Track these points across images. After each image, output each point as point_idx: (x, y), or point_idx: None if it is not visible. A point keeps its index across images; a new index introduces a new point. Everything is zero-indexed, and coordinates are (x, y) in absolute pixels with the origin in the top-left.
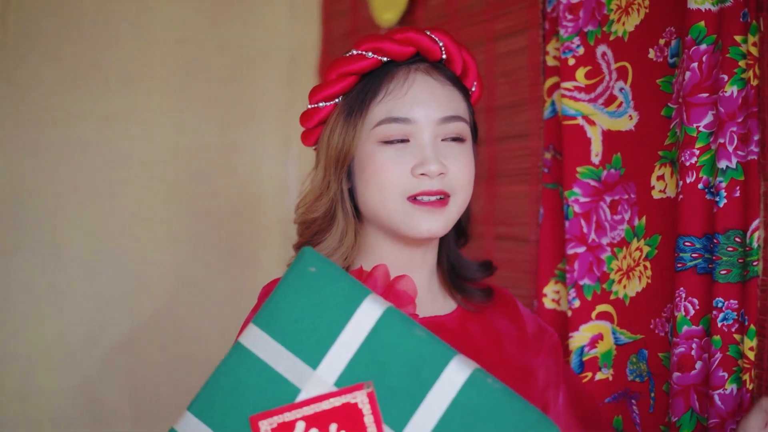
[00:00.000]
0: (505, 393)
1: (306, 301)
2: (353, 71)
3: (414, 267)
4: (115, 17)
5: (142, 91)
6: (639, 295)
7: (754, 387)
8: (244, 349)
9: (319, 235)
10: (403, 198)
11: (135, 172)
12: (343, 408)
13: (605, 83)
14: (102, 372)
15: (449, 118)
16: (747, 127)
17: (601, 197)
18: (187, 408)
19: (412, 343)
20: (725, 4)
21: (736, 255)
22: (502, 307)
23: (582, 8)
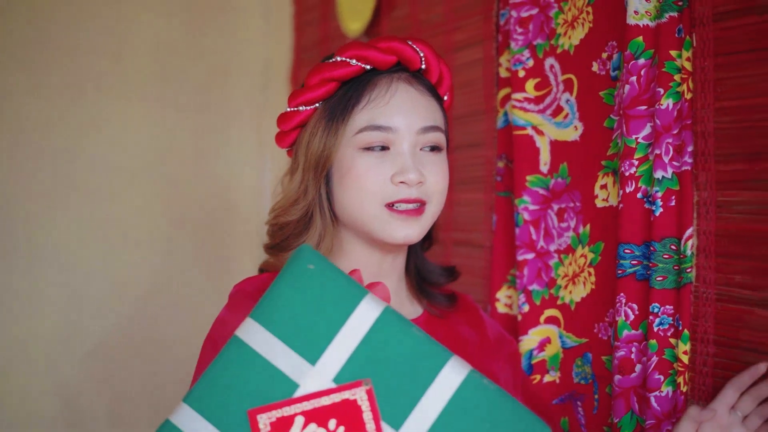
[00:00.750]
0: (500, 394)
1: (305, 298)
2: (336, 77)
3: (384, 272)
4: (90, 26)
5: (117, 98)
6: (584, 300)
7: (688, 389)
8: (242, 344)
9: (294, 238)
10: (381, 205)
11: (110, 178)
12: (342, 404)
13: (553, 95)
14: (78, 374)
15: (429, 128)
16: (682, 138)
17: (549, 205)
18: (183, 399)
19: (410, 343)
20: (662, 20)
21: (672, 262)
22: (465, 312)
23: (531, 22)
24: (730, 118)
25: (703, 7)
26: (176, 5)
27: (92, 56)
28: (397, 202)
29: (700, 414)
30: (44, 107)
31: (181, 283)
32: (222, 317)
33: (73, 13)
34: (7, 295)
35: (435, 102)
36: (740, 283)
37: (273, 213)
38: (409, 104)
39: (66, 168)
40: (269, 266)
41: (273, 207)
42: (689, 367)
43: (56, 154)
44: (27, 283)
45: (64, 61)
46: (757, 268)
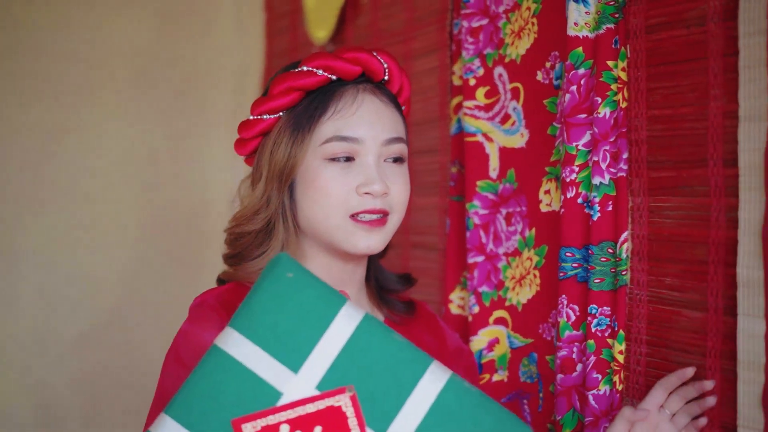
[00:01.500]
0: (482, 396)
1: (285, 306)
2: (302, 87)
3: (346, 281)
4: (67, 33)
5: (93, 103)
6: (530, 301)
7: (623, 388)
8: (223, 353)
9: (255, 248)
10: (345, 215)
11: (86, 182)
12: (327, 411)
13: (501, 103)
14: (53, 374)
15: (393, 140)
16: (618, 145)
17: (498, 210)
18: (164, 411)
19: (392, 349)
20: (599, 31)
21: (609, 265)
22: (424, 320)
23: (482, 32)
24: (661, 126)
25: (637, 20)
26: (151, 13)
27: (68, 62)
28: (362, 212)
29: (633, 414)
30: (20, 113)
31: (155, 286)
32: (185, 330)
33: (49, 21)
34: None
35: (398, 113)
36: (670, 285)
37: (233, 222)
38: (374, 115)
39: (42, 171)
40: (228, 276)
41: (234, 216)
42: (624, 366)
43: (32, 158)
44: (4, 283)
45: (40, 67)
46: (685, 271)
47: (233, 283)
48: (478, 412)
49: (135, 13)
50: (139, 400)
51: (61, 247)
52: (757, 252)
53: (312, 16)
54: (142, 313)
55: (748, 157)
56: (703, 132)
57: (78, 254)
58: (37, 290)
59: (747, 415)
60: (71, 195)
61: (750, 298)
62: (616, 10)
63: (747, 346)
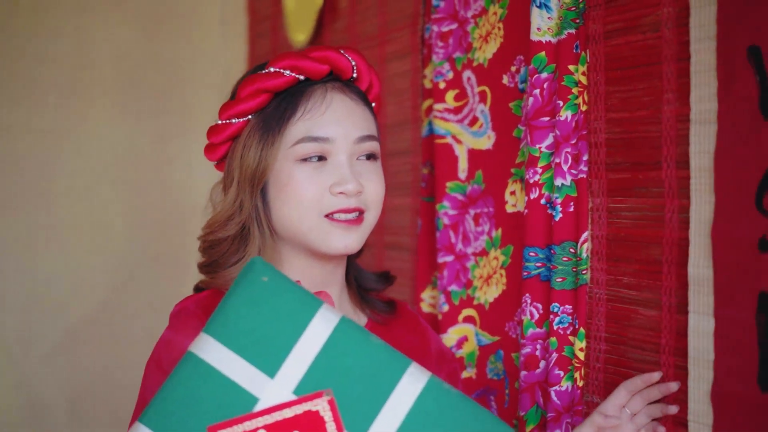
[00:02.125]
0: (462, 398)
1: (260, 311)
2: (269, 88)
3: (326, 283)
4: (51, 35)
5: (78, 105)
6: (496, 300)
7: (584, 384)
8: (198, 359)
9: (231, 254)
10: (320, 216)
11: (71, 182)
12: (304, 416)
13: (469, 105)
14: (39, 372)
15: (365, 137)
16: (578, 148)
17: (466, 210)
18: (139, 420)
19: (369, 352)
20: (561, 36)
21: (570, 264)
22: (407, 320)
23: (451, 36)
24: (618, 129)
25: (596, 25)
26: (136, 16)
27: (53, 65)
28: (336, 212)
29: (605, 421)
30: (6, 114)
31: (139, 285)
32: (166, 338)
33: (35, 24)
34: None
35: (368, 110)
36: (627, 284)
37: (206, 229)
38: (345, 114)
39: (27, 173)
40: (206, 285)
41: (206, 223)
42: (585, 363)
43: (18, 159)
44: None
45: (26, 70)
46: (641, 270)
47: (212, 290)
48: (459, 414)
49: (120, 16)
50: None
51: (46, 247)
52: (707, 252)
53: (291, 19)
54: (127, 312)
55: (698, 159)
56: (657, 135)
57: (62, 254)
58: (21, 290)
59: (697, 410)
60: (55, 195)
61: (700, 296)
62: (577, 15)
63: (697, 343)
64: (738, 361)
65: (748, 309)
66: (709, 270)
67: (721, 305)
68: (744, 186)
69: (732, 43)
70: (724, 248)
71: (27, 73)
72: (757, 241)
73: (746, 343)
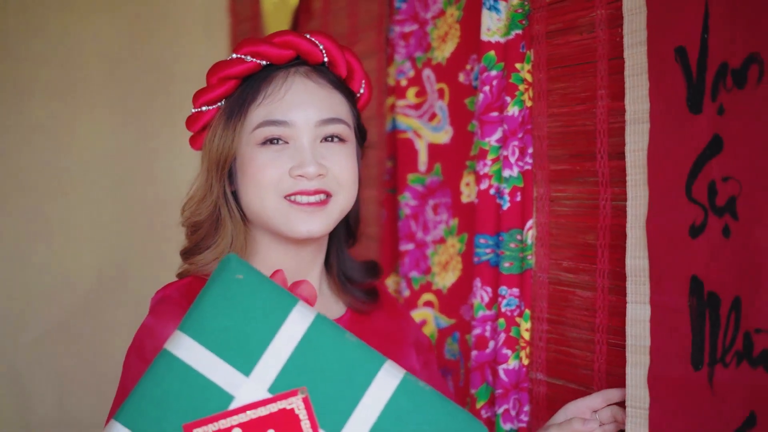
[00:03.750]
0: (435, 395)
1: (235, 309)
2: (233, 75)
3: (303, 269)
4: (40, 36)
5: (65, 103)
6: (453, 285)
7: (529, 363)
8: (173, 357)
9: (208, 239)
10: (279, 197)
11: (58, 178)
12: (279, 414)
13: (429, 102)
14: (28, 360)
15: (328, 120)
16: (524, 141)
17: (426, 201)
18: (114, 418)
19: (344, 349)
20: (509, 36)
21: (517, 250)
22: (387, 306)
23: (412, 36)
24: (559, 123)
25: (539, 26)
26: (123, 18)
27: (41, 64)
28: (296, 194)
29: (584, 425)
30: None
31: (126, 275)
32: (147, 325)
33: (24, 25)
34: None
35: (339, 94)
36: (566, 268)
37: (184, 213)
38: (305, 97)
39: (16, 168)
40: (185, 272)
41: (183, 206)
42: (530, 342)
43: (6, 155)
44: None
45: (13, 68)
46: (579, 254)
47: (191, 277)
48: (433, 411)
49: (107, 17)
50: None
51: (34, 240)
52: (642, 243)
53: (269, 20)
54: (114, 302)
55: (633, 156)
56: (592, 128)
57: (52, 246)
58: (12, 280)
59: (634, 395)
60: (45, 189)
61: (637, 286)
62: (523, 17)
63: (634, 330)
64: (672, 345)
65: (680, 294)
66: (645, 260)
67: (656, 293)
68: (674, 177)
69: (661, 46)
70: (657, 238)
71: (16, 72)
72: (687, 227)
73: (679, 326)
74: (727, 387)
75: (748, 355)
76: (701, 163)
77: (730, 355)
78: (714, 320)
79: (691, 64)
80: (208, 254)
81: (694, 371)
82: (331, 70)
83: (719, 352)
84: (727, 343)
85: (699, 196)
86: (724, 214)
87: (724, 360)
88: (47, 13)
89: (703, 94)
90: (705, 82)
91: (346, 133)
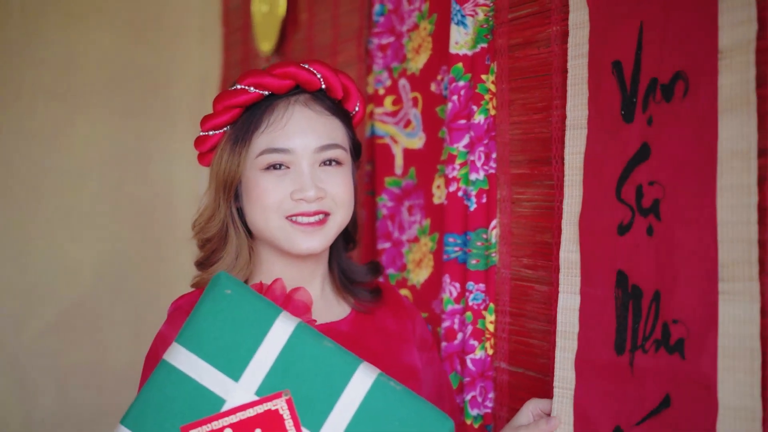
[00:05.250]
0: (406, 394)
1: (225, 321)
2: (237, 104)
3: (305, 278)
4: (40, 42)
5: (65, 107)
6: (426, 281)
7: (493, 353)
8: (171, 366)
9: (217, 252)
10: (282, 217)
11: (59, 179)
12: (265, 414)
13: (404, 110)
14: (29, 353)
15: (326, 147)
16: (489, 147)
17: (402, 202)
18: (120, 422)
19: (322, 354)
20: (475, 50)
21: (483, 248)
22: (392, 304)
23: (389, 48)
24: (519, 130)
25: (502, 40)
26: (121, 25)
27: (42, 70)
28: (297, 215)
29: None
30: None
31: (124, 272)
32: (163, 333)
33: (25, 32)
34: None
35: (335, 119)
36: (526, 264)
37: (195, 228)
38: (305, 125)
39: (16, 169)
40: (198, 281)
41: (193, 223)
42: (494, 334)
43: (9, 157)
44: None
45: (16, 74)
46: (537, 252)
47: (202, 288)
48: (404, 409)
49: (106, 25)
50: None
51: (36, 239)
52: (575, 239)
53: (258, 30)
54: (111, 298)
55: (571, 159)
56: (548, 136)
57: (52, 245)
58: (14, 278)
59: (562, 377)
60: (45, 190)
61: (569, 277)
62: (488, 32)
63: (564, 318)
64: (598, 332)
65: (607, 286)
66: (577, 254)
67: (585, 284)
68: (607, 179)
69: (600, 59)
70: (589, 234)
71: (17, 77)
72: (616, 226)
73: (605, 316)
74: (646, 371)
75: (665, 343)
76: (631, 167)
77: (649, 342)
78: (636, 311)
79: (625, 77)
80: (219, 266)
81: (617, 356)
82: (329, 95)
83: (640, 340)
84: (647, 332)
85: (627, 198)
86: (649, 214)
87: (644, 347)
88: (47, 20)
89: (635, 105)
90: (637, 94)
91: (342, 156)
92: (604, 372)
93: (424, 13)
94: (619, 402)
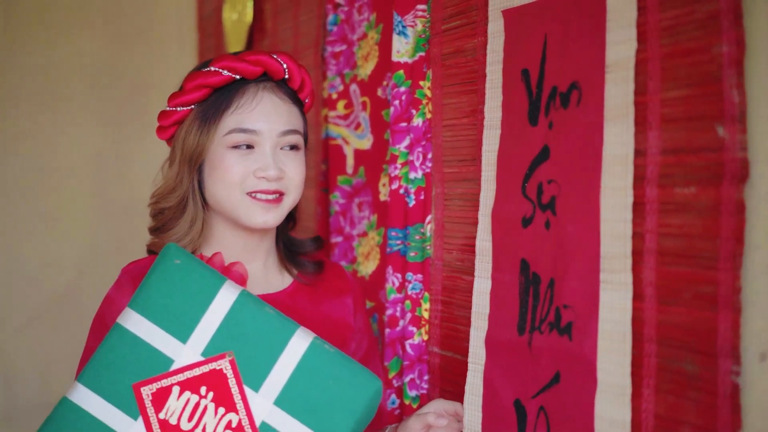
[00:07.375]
0: (339, 355)
1: (174, 288)
2: (210, 84)
3: (251, 251)
4: (24, 50)
5: (48, 110)
6: (373, 272)
7: (428, 338)
8: (124, 329)
9: (172, 221)
10: (243, 192)
11: (42, 178)
12: (210, 374)
13: (355, 113)
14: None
15: (288, 132)
16: (427, 148)
17: (353, 199)
18: (76, 379)
19: (264, 319)
20: (415, 58)
21: (420, 242)
22: (334, 278)
23: (342, 55)
24: (451, 133)
25: (436, 49)
26: (102, 33)
27: (26, 75)
28: (257, 192)
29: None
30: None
31: (103, 267)
32: (110, 296)
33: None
34: None
35: (296, 108)
36: (456, 257)
37: (154, 198)
38: (272, 110)
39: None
40: (154, 245)
41: (153, 192)
42: (429, 321)
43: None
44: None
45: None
46: (464, 245)
47: (154, 256)
48: (336, 368)
49: (87, 33)
50: None
51: (20, 234)
52: (488, 229)
53: (229, 37)
54: (91, 290)
55: (487, 156)
56: (475, 138)
57: (36, 240)
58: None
59: (475, 353)
60: (29, 190)
61: (482, 263)
62: (425, 41)
63: (478, 300)
64: (504, 313)
65: (513, 272)
66: (489, 243)
67: (495, 270)
68: (515, 176)
69: (512, 66)
70: (499, 225)
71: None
72: (520, 219)
73: (510, 299)
74: (542, 350)
75: (557, 326)
76: (534, 166)
77: (545, 324)
78: (535, 295)
79: (532, 84)
80: (175, 233)
81: (519, 336)
82: (288, 84)
83: (537, 322)
84: (543, 315)
85: (530, 194)
86: (547, 210)
87: (540, 328)
88: (31, 29)
89: (539, 110)
90: (541, 100)
91: (300, 142)
92: (508, 350)
93: (372, 24)
94: (519, 377)
